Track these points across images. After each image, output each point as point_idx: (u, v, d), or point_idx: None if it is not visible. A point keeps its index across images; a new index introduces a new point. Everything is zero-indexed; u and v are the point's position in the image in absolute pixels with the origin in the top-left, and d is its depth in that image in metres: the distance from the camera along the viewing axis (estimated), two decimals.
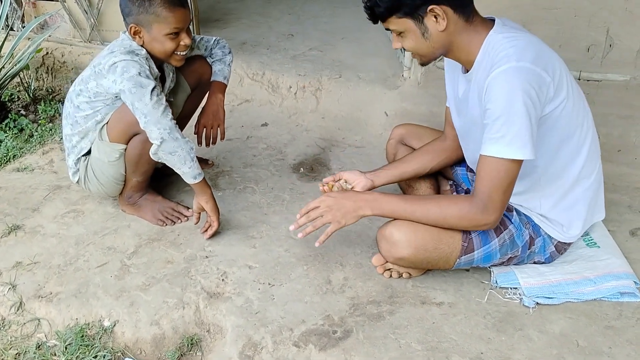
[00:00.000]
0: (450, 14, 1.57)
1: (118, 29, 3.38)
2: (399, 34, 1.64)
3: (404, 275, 1.89)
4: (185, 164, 1.94)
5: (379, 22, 1.65)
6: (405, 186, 2.15)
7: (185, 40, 1.96)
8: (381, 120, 2.80)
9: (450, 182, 2.18)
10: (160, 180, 2.39)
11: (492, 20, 1.65)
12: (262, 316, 1.77)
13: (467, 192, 2.12)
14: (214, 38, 2.32)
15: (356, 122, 2.87)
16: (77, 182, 2.20)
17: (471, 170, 2.09)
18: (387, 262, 1.91)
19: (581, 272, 1.84)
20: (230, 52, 2.33)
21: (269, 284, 1.90)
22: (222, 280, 1.93)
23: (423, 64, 1.73)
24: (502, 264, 1.84)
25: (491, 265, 1.85)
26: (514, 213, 1.79)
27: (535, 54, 1.52)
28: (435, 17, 1.56)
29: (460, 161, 2.08)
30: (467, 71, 1.71)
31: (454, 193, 2.12)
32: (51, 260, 2.04)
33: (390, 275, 1.90)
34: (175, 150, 1.91)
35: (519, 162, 1.55)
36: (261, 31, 3.72)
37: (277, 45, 3.46)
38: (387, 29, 1.66)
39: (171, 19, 1.90)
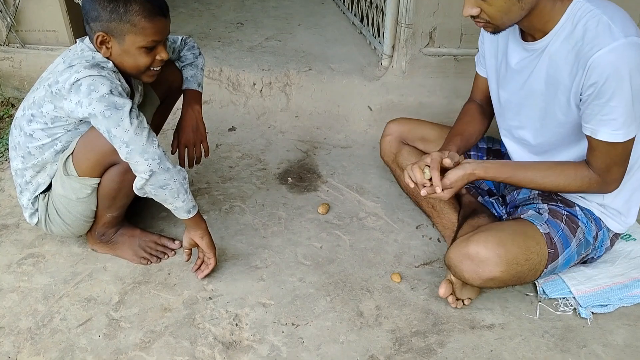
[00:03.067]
0: None
1: (41, 28, 2.90)
2: None
3: (465, 301, 1.69)
4: (178, 198, 1.63)
5: None
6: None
7: (162, 54, 1.62)
8: (364, 115, 2.57)
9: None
10: (129, 207, 2.01)
11: None
12: None
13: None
14: (180, 37, 1.98)
15: (335, 119, 2.61)
16: (37, 223, 1.82)
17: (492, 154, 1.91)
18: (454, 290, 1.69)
19: (627, 273, 1.73)
20: (201, 54, 2.00)
21: (293, 324, 1.65)
22: (236, 325, 1.65)
23: (495, 32, 1.47)
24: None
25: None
26: (577, 208, 1.64)
27: (633, 24, 1.37)
28: None
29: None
30: (530, 39, 1.51)
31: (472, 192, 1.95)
32: (18, 322, 1.67)
33: (463, 304, 1.69)
34: (167, 183, 1.59)
35: (634, 138, 1.43)
36: (205, 21, 3.34)
37: (228, 36, 3.10)
38: None
39: (149, 30, 1.55)
